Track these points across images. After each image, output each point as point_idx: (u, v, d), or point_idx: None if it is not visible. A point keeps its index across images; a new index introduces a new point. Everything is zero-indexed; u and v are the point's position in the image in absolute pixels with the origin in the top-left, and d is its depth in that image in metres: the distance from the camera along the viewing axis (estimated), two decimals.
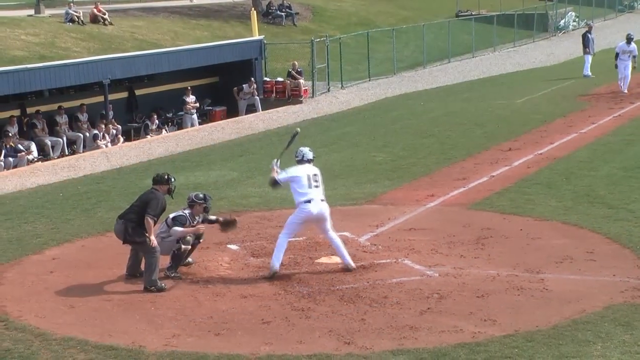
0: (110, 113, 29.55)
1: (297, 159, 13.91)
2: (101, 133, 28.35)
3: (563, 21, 60.27)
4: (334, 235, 13.66)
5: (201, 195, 13.88)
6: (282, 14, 49.70)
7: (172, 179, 13.60)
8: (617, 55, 32.56)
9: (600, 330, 10.94)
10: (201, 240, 14.16)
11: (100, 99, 29.31)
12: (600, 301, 11.93)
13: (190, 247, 13.73)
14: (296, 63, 36.65)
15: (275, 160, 13.83)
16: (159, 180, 13.55)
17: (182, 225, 13.59)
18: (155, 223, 13.16)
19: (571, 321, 11.30)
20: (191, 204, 13.82)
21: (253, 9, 43.50)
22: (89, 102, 29.46)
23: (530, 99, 32.16)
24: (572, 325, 11.18)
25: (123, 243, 13.43)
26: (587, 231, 15.33)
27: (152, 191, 13.41)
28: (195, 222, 13.80)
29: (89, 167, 24.34)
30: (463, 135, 25.74)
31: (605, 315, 11.43)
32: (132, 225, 13.13)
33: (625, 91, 31.76)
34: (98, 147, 27.84)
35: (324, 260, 14.16)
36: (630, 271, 13.12)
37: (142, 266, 13.36)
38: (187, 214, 13.76)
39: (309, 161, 13.82)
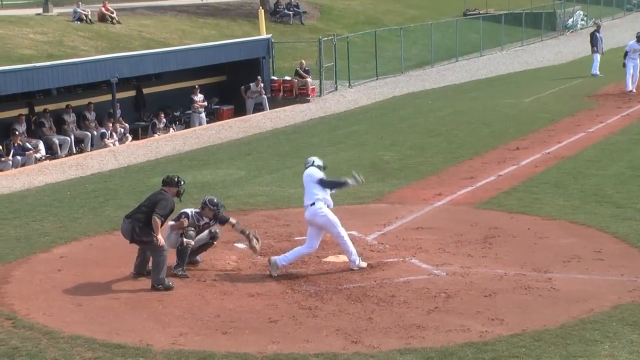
0: (118, 112, 29.61)
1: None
2: (109, 132, 28.40)
3: (571, 20, 60.19)
4: (341, 241, 13.67)
5: (215, 201, 13.95)
6: (290, 12, 49.72)
7: (182, 182, 13.64)
8: (626, 53, 32.32)
9: (608, 329, 10.92)
10: (215, 243, 14.22)
11: (108, 97, 29.37)
12: (608, 301, 11.91)
13: (193, 242, 13.74)
14: (304, 62, 36.67)
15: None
16: (168, 182, 13.58)
17: (177, 220, 13.68)
18: (162, 223, 13.17)
19: (579, 320, 11.27)
20: (202, 206, 13.89)
21: (261, 7, 43.53)
22: (96, 101, 29.52)
23: (538, 98, 32.11)
24: (580, 324, 11.15)
25: (130, 242, 13.45)
26: (595, 230, 15.30)
27: (162, 192, 13.44)
28: (202, 223, 13.86)
29: (97, 165, 24.39)
30: (471, 134, 25.72)
31: (613, 314, 11.41)
32: (139, 225, 13.15)
33: (634, 90, 31.57)
34: (106, 145, 27.89)
35: (331, 259, 14.16)
36: (638, 270, 13.08)
37: (150, 265, 13.38)
38: (192, 213, 13.82)
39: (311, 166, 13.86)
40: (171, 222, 13.66)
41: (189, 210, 13.86)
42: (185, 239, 13.59)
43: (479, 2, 59.99)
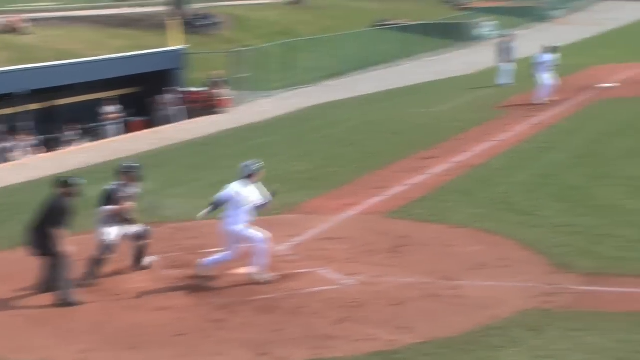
0: (27, 124, 29.06)
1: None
2: (17, 144, 27.85)
3: (482, 30, 61.12)
4: (254, 246, 13.67)
5: (131, 164, 14.20)
6: (205, 23, 49.49)
7: (74, 183, 13.27)
8: (534, 65, 32.51)
9: (513, 335, 11.11)
10: (147, 242, 14.10)
11: (18, 109, 28.80)
12: (514, 307, 12.12)
13: (110, 255, 13.63)
14: (218, 72, 36.47)
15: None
16: (60, 184, 13.26)
17: (108, 200, 13.55)
18: (62, 231, 12.87)
19: (485, 327, 11.46)
20: (122, 175, 14.03)
21: (171, 18, 43.16)
22: (5, 113, 28.91)
23: (449, 108, 32.48)
24: (486, 331, 11.34)
25: (34, 255, 13.16)
26: (502, 238, 15.51)
27: (56, 198, 13.10)
28: (131, 193, 13.89)
29: (4, 179, 23.87)
30: (382, 143, 25.89)
31: (517, 320, 11.61)
32: (40, 237, 12.86)
33: (546, 100, 31.72)
34: (14, 158, 27.35)
35: (241, 270, 14.08)
36: (542, 277, 13.34)
37: (53, 279, 13.10)
38: (116, 186, 13.83)
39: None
40: (108, 207, 13.52)
41: (111, 187, 13.80)
42: (103, 251, 13.45)
43: (391, 12, 60.57)
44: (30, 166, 25.86)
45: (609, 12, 76.08)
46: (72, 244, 13.00)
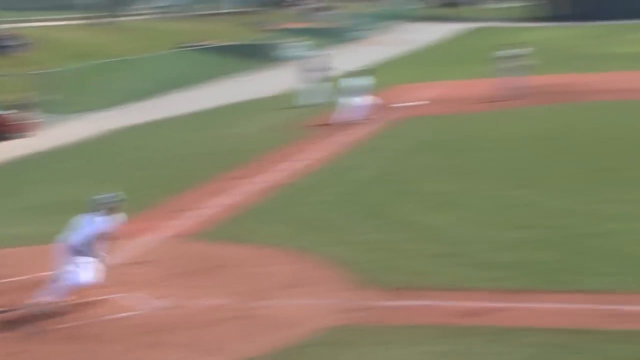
0: None
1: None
2: None
3: (290, 52, 61.79)
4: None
5: None
6: (10, 44, 47.84)
7: None
8: (341, 90, 32.80)
9: (321, 352, 11.23)
10: None
11: None
12: (322, 324, 12.26)
13: None
14: (22, 95, 35.26)
15: None
16: None
17: None
18: None
19: (294, 345, 11.56)
20: None
21: None
22: None
23: (258, 128, 32.55)
24: (296, 349, 11.46)
25: None
26: (311, 256, 15.61)
27: None
28: None
29: None
30: (190, 165, 25.63)
31: (326, 337, 11.76)
32: None
33: (358, 120, 31.93)
34: None
35: (41, 298, 13.59)
36: (350, 293, 13.53)
37: None
38: None
39: None
40: None
41: None
42: None
43: (200, 34, 60.44)
44: None
45: (415, 33, 78.67)
46: None
